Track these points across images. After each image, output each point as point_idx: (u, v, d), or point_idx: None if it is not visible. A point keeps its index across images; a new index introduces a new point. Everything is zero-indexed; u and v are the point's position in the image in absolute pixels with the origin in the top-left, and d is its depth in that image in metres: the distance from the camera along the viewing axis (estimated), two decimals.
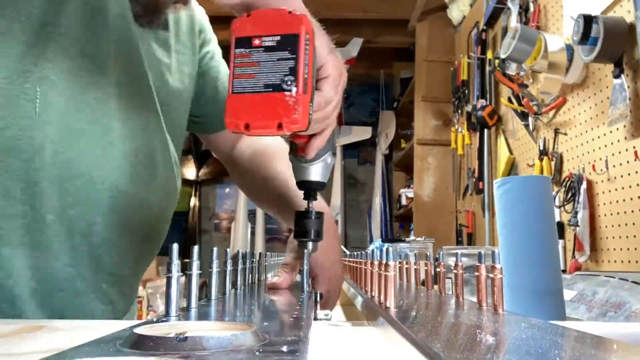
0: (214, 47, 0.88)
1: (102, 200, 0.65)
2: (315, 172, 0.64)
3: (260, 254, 0.84)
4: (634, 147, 1.31)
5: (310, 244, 0.66)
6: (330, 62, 0.54)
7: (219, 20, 0.89)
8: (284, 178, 0.81)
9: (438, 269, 0.67)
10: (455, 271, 0.56)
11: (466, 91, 2.76)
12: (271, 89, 0.48)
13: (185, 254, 0.43)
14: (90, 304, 0.67)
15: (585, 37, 1.33)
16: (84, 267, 0.66)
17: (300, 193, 0.66)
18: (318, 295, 0.68)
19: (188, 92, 0.81)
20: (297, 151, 0.61)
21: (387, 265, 0.49)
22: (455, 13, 3.01)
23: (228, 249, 0.60)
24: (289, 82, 0.48)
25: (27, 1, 0.61)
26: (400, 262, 0.83)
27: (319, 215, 0.66)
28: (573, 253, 1.54)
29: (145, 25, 0.71)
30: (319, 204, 0.67)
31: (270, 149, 0.89)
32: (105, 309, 0.69)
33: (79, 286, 0.65)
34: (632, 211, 1.32)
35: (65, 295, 0.64)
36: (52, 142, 0.61)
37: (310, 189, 0.65)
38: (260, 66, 0.49)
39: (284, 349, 0.28)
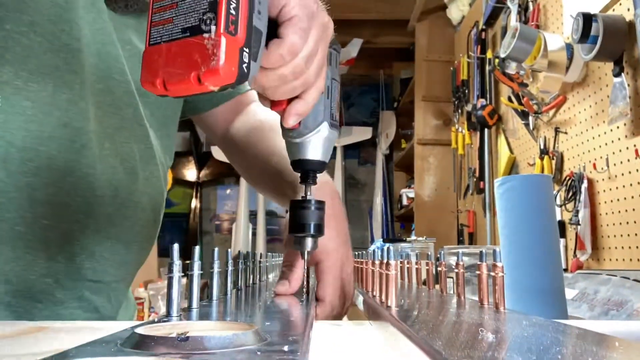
0: None
1: (77, 208, 0.61)
2: (310, 149, 0.53)
3: (261, 254, 0.84)
4: (635, 145, 1.31)
5: (309, 240, 0.56)
6: (291, 1, 0.45)
7: None
8: (282, 153, 0.69)
9: (439, 269, 0.67)
10: (456, 270, 0.56)
11: (466, 91, 2.75)
12: (189, 33, 0.38)
13: (186, 254, 0.43)
14: (73, 313, 0.64)
15: (584, 35, 1.33)
16: (63, 277, 0.62)
17: None
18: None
19: None
20: (282, 123, 0.52)
21: (388, 264, 0.49)
22: (455, 13, 3.01)
23: (229, 250, 0.60)
24: (208, 21, 0.38)
25: None
26: (401, 262, 0.83)
27: (320, 204, 0.55)
28: (574, 252, 1.54)
29: (120, 10, 0.65)
30: (322, 177, 0.59)
31: (267, 123, 0.81)
32: (89, 316, 0.66)
33: (59, 296, 0.62)
34: (634, 209, 1.32)
35: (45, 307, 0.61)
36: (19, 150, 0.57)
37: (306, 169, 0.55)
38: (179, 6, 0.39)
39: (285, 348, 0.28)
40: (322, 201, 0.57)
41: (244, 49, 0.39)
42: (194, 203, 4.80)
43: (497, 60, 2.15)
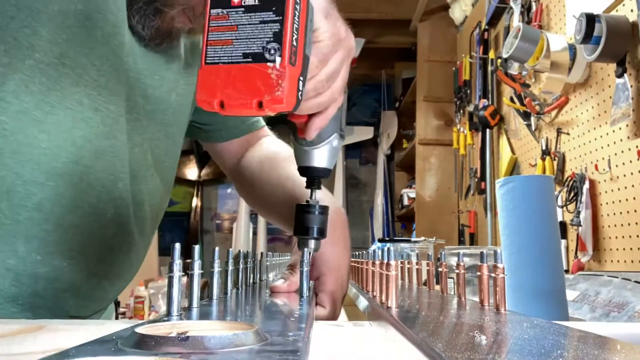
0: None
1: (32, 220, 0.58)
2: (320, 157, 0.56)
3: (262, 253, 0.84)
4: (637, 147, 1.30)
5: (312, 242, 0.59)
6: (323, 27, 0.47)
7: None
8: (298, 179, 0.67)
9: (440, 269, 0.66)
10: (457, 271, 0.56)
11: (468, 91, 2.75)
12: (251, 59, 0.40)
13: (187, 253, 0.43)
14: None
15: (587, 36, 1.33)
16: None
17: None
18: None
19: (190, 104, 0.77)
20: (297, 133, 0.54)
21: (388, 264, 0.49)
22: (457, 13, 3.01)
23: (230, 249, 0.60)
24: (273, 51, 0.40)
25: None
26: (402, 262, 0.83)
27: (324, 209, 0.58)
28: (575, 253, 1.53)
29: (152, 48, 0.66)
30: (325, 197, 0.61)
31: (281, 154, 0.84)
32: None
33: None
34: (635, 210, 1.31)
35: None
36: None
37: (313, 176, 0.58)
38: (240, 30, 0.41)
39: (286, 348, 0.28)
40: (326, 206, 0.59)
41: (300, 77, 0.43)
42: (195, 202, 4.80)
43: (499, 61, 2.15)
